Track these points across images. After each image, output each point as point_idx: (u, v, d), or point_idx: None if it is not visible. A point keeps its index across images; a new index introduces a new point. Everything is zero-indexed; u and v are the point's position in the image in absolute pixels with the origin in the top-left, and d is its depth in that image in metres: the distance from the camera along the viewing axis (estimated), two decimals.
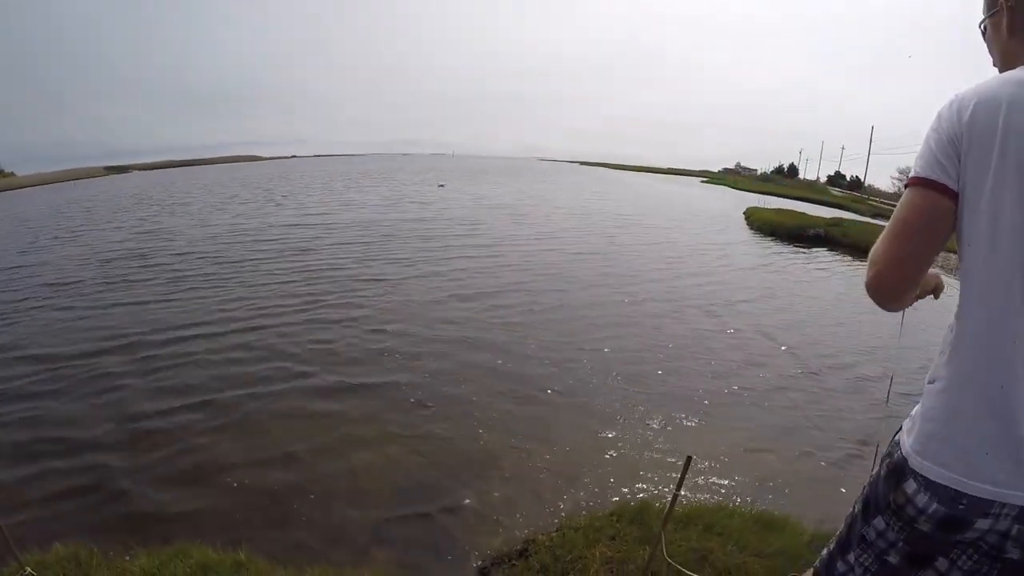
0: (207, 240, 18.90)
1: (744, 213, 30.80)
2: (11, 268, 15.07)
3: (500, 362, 7.76)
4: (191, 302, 11.36)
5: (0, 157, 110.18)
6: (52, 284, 13.01)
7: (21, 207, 36.98)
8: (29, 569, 3.77)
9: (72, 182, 66.96)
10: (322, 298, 11.47)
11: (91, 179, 73.85)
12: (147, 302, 11.39)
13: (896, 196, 16.48)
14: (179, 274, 13.80)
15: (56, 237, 20.90)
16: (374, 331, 9.32)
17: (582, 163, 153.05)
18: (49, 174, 78.56)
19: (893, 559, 1.35)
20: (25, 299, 11.81)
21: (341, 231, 20.10)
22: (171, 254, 16.53)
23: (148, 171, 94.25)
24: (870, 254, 1.25)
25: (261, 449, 5.96)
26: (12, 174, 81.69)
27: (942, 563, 1.29)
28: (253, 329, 9.49)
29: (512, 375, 7.38)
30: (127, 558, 4.40)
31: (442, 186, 44.62)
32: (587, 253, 16.77)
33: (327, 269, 14.21)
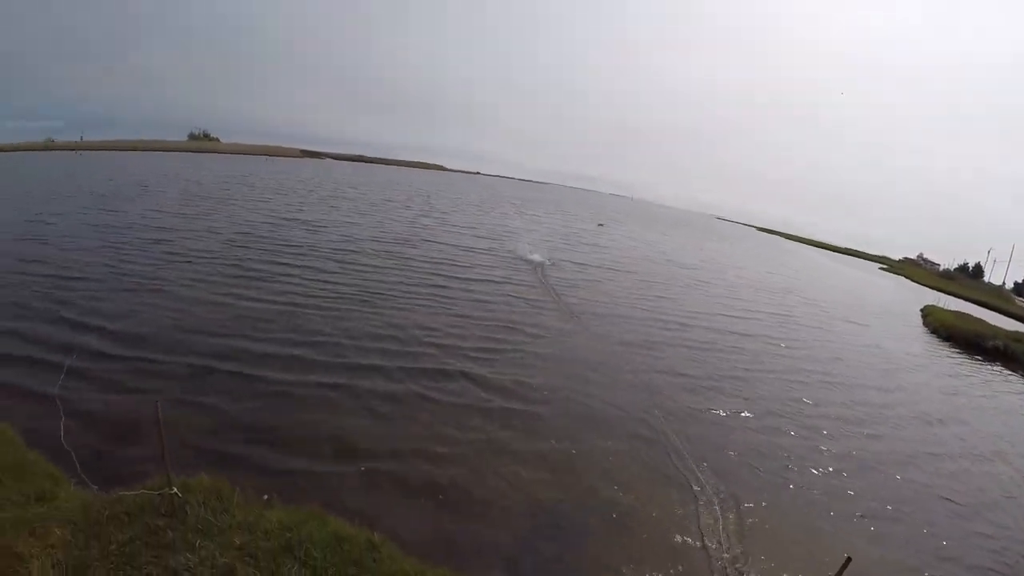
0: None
1: (922, 311, 28.66)
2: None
3: None
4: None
5: (208, 124, 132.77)
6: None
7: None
8: (175, 489, 4.48)
9: (265, 157, 77.09)
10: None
11: (288, 158, 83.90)
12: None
13: None
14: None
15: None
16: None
17: (759, 228, 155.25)
18: (246, 145, 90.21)
19: None
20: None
21: (518, 274, 19.33)
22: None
23: (339, 160, 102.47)
24: None
25: (417, 440, 6.80)
26: (217, 139, 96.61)
27: None
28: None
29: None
30: (264, 504, 4.88)
31: (601, 225, 45.16)
32: (801, 355, 14.92)
33: (499, 303, 14.57)
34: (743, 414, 9.78)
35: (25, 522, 4.42)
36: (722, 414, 9.60)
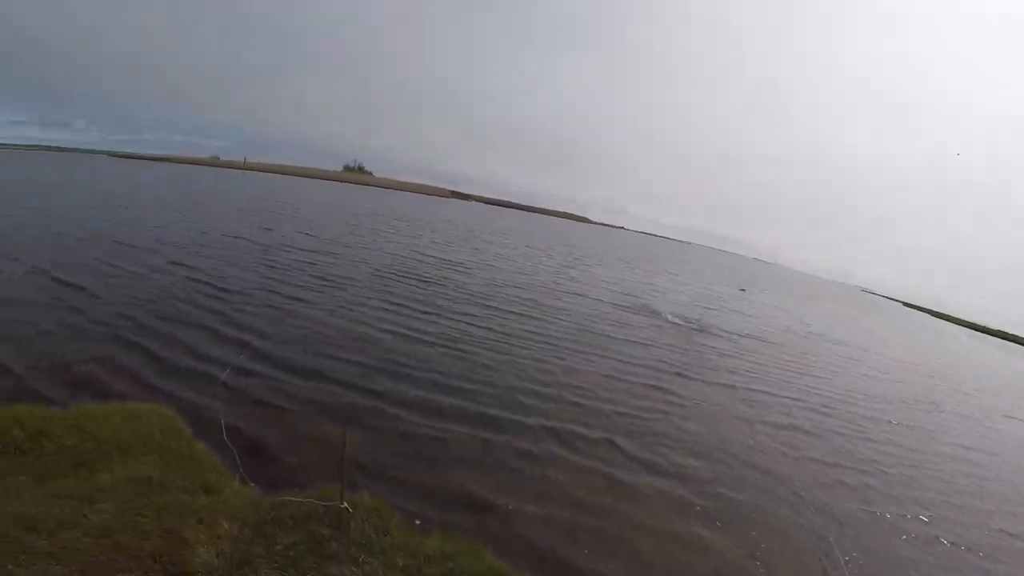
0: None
1: None
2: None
3: None
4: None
5: (363, 157, 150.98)
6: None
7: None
8: (345, 503, 4.75)
9: (415, 194, 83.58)
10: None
11: (437, 197, 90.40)
12: None
13: None
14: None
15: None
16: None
17: (904, 303, 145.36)
18: (397, 181, 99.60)
19: None
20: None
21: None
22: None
23: (486, 204, 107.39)
24: None
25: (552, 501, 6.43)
26: (370, 173, 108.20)
27: None
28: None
29: None
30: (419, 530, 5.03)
31: (743, 291, 43.33)
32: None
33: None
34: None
35: (193, 510, 4.69)
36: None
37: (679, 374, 13.06)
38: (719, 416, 10.83)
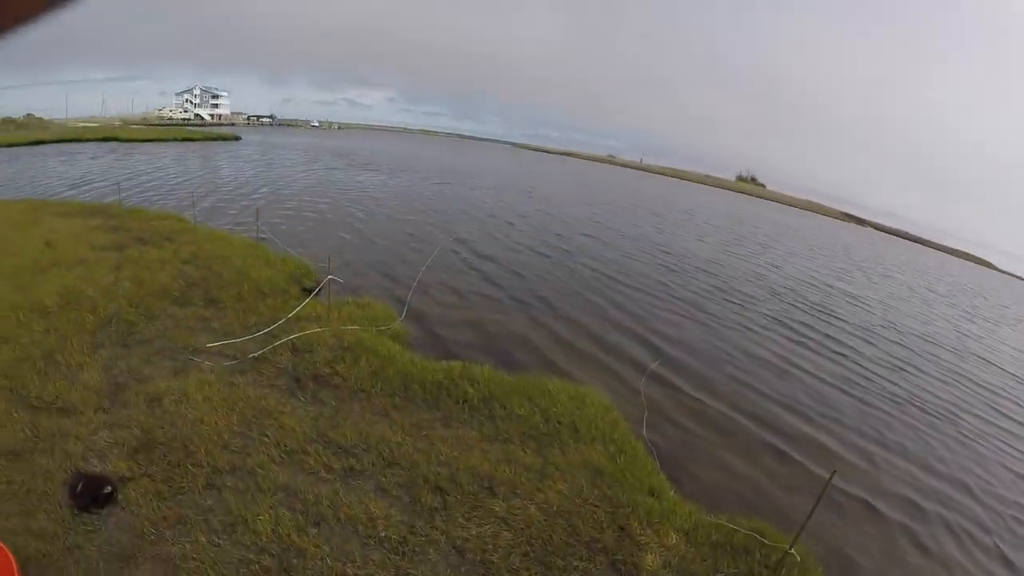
0: None
1: None
2: None
3: None
4: None
5: (755, 168, 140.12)
6: None
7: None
8: (793, 550, 4.39)
9: (802, 211, 74.71)
10: None
11: (826, 218, 78.96)
12: None
13: None
14: None
15: None
16: None
17: None
18: (788, 196, 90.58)
19: None
20: None
21: None
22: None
23: (880, 232, 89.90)
24: None
25: None
26: (763, 185, 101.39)
27: None
28: None
29: None
30: None
31: None
32: None
33: None
34: None
35: (644, 513, 4.84)
36: None
37: None
38: None
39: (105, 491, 4.17)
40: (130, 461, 4.58)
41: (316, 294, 8.98)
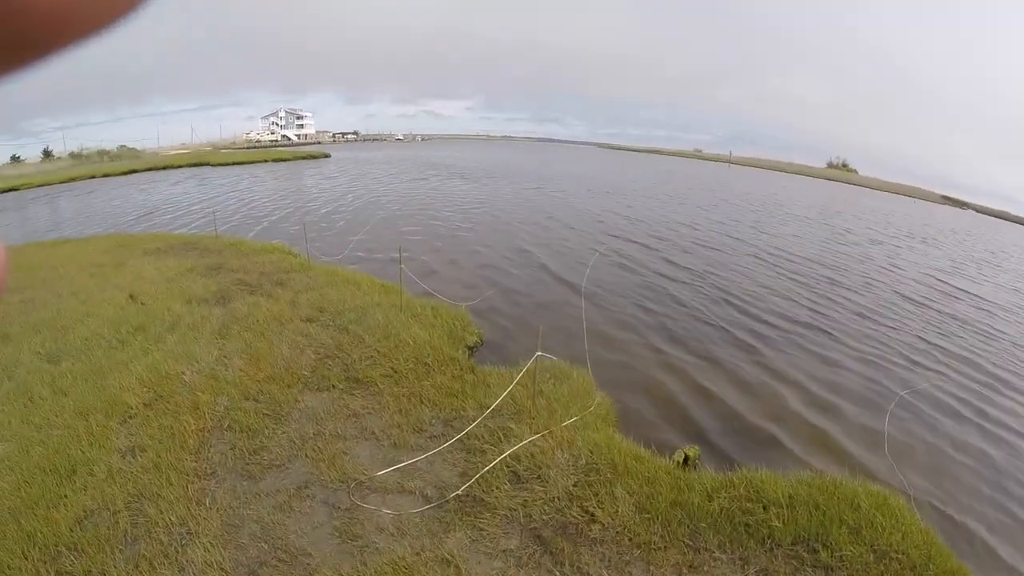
0: None
1: None
2: None
3: None
4: None
5: (846, 153, 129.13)
6: None
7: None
8: None
9: (908, 198, 68.08)
10: None
11: (924, 202, 72.10)
12: None
13: None
14: None
15: None
16: None
17: None
18: (882, 181, 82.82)
19: None
20: None
21: None
22: None
23: (983, 215, 80.00)
24: None
25: None
26: (854, 171, 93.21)
27: None
28: None
29: None
30: None
31: None
32: None
33: None
34: None
35: None
36: None
37: None
38: None
39: None
40: None
41: (521, 374, 6.28)
